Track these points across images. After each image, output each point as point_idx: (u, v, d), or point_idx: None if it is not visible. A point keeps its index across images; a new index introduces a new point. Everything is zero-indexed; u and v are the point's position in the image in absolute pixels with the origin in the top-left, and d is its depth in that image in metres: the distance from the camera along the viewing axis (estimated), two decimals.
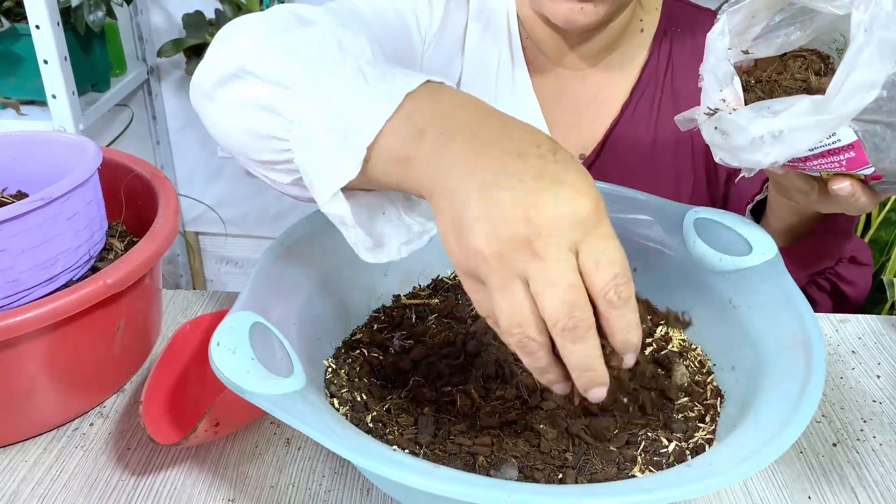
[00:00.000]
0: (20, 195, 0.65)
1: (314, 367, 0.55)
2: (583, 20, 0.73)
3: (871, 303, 1.24)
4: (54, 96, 1.35)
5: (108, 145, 1.70)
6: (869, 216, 1.25)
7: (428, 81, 0.45)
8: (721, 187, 0.85)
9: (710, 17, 0.84)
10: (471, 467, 0.49)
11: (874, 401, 0.63)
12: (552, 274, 0.39)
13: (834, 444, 0.59)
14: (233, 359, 0.44)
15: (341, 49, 0.49)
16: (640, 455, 0.51)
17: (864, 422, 0.61)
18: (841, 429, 0.60)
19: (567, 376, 0.43)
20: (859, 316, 0.73)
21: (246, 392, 0.43)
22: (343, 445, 0.40)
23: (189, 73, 1.63)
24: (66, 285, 0.57)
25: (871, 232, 1.20)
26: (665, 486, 0.38)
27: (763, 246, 0.58)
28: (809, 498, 0.54)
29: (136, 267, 0.54)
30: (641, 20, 0.84)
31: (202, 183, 1.88)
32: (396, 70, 0.47)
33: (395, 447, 0.51)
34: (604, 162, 0.85)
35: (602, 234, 0.40)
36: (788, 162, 0.52)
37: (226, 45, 0.52)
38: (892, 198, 1.17)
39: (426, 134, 0.43)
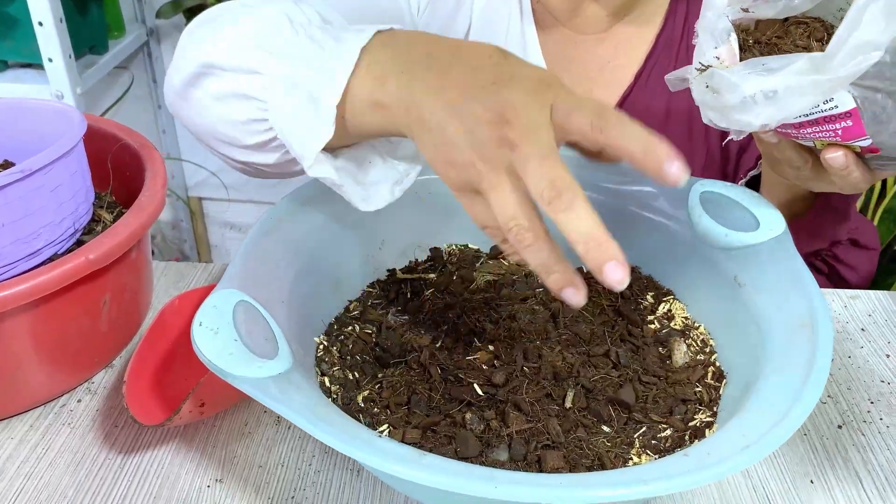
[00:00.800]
0: (6, 164, 0.63)
1: (304, 345, 0.54)
2: None
3: (885, 273, 1.21)
4: (50, 60, 1.33)
5: (107, 109, 1.67)
6: (884, 185, 1.22)
7: (378, 32, 0.49)
8: (733, 161, 0.82)
9: None
10: (464, 446, 0.48)
11: (882, 381, 0.61)
12: (528, 150, 0.41)
13: (839, 427, 0.57)
14: (215, 340, 0.43)
15: (292, 24, 0.52)
16: (637, 438, 0.50)
17: (872, 403, 0.59)
18: (847, 410, 0.58)
19: (576, 280, 0.43)
20: (870, 292, 0.70)
21: (228, 375, 0.41)
22: (326, 432, 0.39)
23: None
24: (50, 259, 0.56)
25: (885, 201, 1.17)
26: (659, 478, 0.36)
27: (771, 222, 0.56)
28: (812, 482, 0.53)
29: (120, 241, 0.53)
30: None
31: (205, 148, 1.85)
32: (349, 29, 0.50)
33: (385, 428, 0.50)
34: None
35: (569, 92, 0.43)
36: (780, 128, 0.49)
37: (188, 45, 0.55)
38: None
39: (388, 78, 0.46)
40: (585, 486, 0.37)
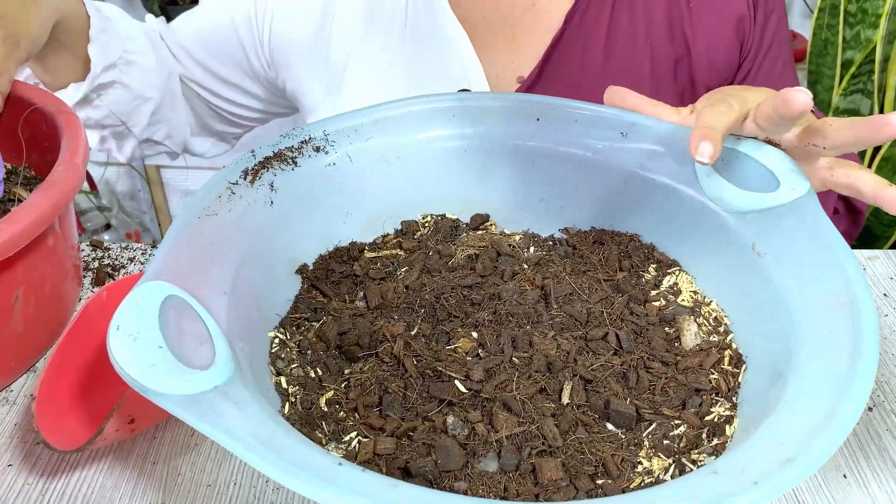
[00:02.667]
0: None
1: (256, 342, 0.46)
2: None
3: (882, 225, 1.15)
4: None
5: None
6: None
7: None
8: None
9: None
10: (445, 457, 0.40)
11: None
12: None
13: (869, 409, 0.50)
14: (135, 347, 0.35)
15: None
16: (647, 437, 0.43)
17: None
18: (876, 389, 0.52)
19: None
20: (890, 252, 0.63)
21: (149, 392, 0.33)
22: (269, 461, 0.31)
23: None
24: None
25: (882, 150, 1.10)
26: None
27: (793, 180, 0.48)
28: (845, 477, 0.46)
29: (26, 227, 0.44)
30: None
31: None
32: None
33: (354, 437, 0.42)
34: (546, 86, 0.72)
35: None
36: None
37: None
38: None
39: None
40: None
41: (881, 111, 1.15)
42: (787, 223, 0.47)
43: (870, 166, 1.15)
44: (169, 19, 0.81)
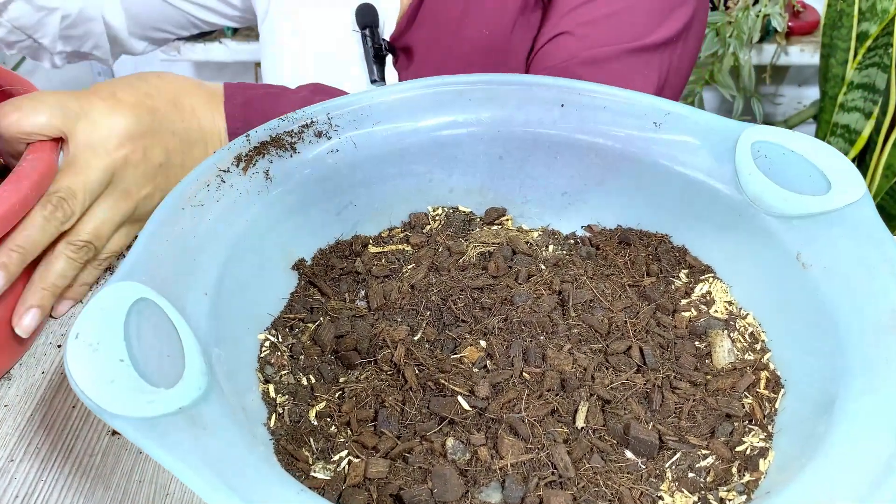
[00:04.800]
0: None
1: (242, 346, 0.42)
2: None
3: None
4: None
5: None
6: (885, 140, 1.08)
7: None
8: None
9: None
10: (442, 486, 0.36)
11: None
12: None
13: None
14: (93, 360, 0.31)
15: None
16: (670, 469, 0.38)
17: None
18: None
19: None
20: None
21: (105, 413, 0.30)
22: (226, 497, 0.27)
23: None
24: None
25: (884, 157, 1.04)
26: None
27: (846, 183, 0.43)
28: None
29: None
30: None
31: None
32: None
33: (345, 456, 0.38)
34: (413, 37, 0.72)
35: None
36: None
37: None
38: None
39: None
40: None
41: None
42: (839, 232, 0.41)
43: (884, 143, 1.08)
44: None
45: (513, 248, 0.51)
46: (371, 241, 0.52)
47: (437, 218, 0.54)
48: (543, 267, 0.50)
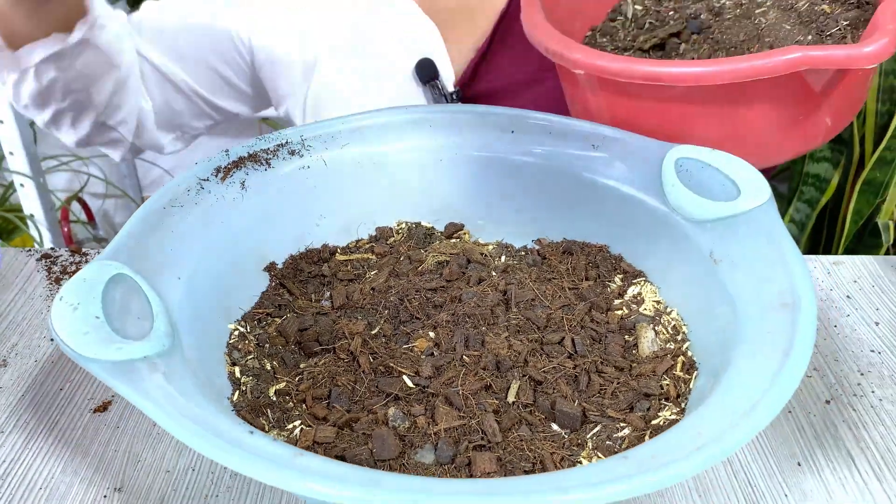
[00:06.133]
0: None
1: (212, 332, 0.47)
2: None
3: (865, 247, 1.13)
4: None
5: None
6: (862, 155, 1.13)
7: None
8: None
9: None
10: (381, 447, 0.41)
11: (872, 350, 0.54)
12: None
13: (827, 402, 0.50)
14: (73, 317, 0.36)
15: None
16: (591, 439, 0.43)
17: (862, 375, 0.52)
18: (835, 384, 0.51)
19: None
20: (854, 257, 0.64)
21: (78, 356, 0.35)
22: (180, 424, 0.32)
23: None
24: None
25: (864, 173, 1.09)
26: (577, 486, 0.29)
27: (754, 190, 0.48)
28: (799, 465, 0.46)
29: None
30: None
31: None
32: None
33: (298, 425, 0.43)
34: (495, 54, 0.76)
35: None
36: None
37: None
38: (888, 135, 1.06)
39: None
40: (482, 493, 0.29)
41: None
42: (744, 231, 0.46)
43: (851, 190, 1.13)
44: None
45: (468, 257, 0.56)
46: (339, 250, 0.57)
47: (400, 231, 0.59)
48: (494, 274, 0.55)
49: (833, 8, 0.57)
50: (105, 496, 0.44)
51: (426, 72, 0.76)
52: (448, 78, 0.76)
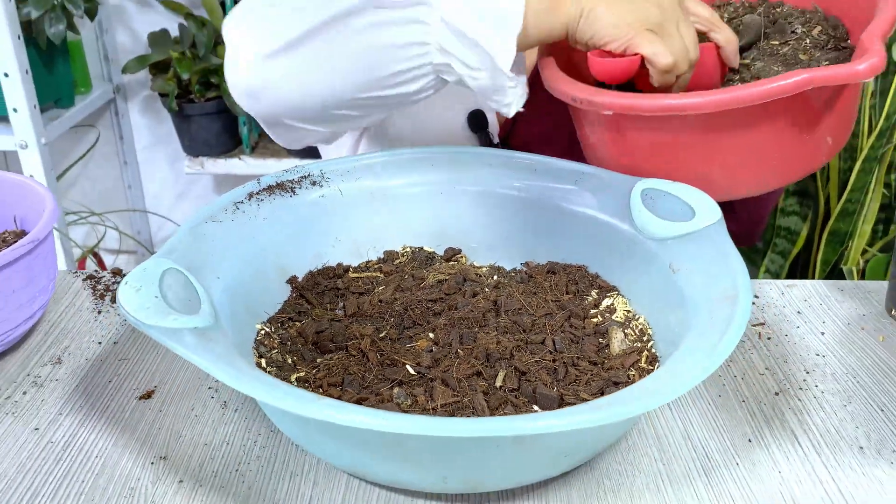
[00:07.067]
0: (20, 233, 0.66)
1: (243, 328, 0.55)
2: None
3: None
4: (15, 110, 1.38)
5: (72, 164, 1.78)
6: (827, 209, 1.23)
7: None
8: None
9: None
10: None
11: (818, 354, 0.62)
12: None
13: (776, 394, 0.58)
14: (136, 296, 0.44)
15: None
16: None
17: (807, 373, 0.60)
18: (784, 380, 0.59)
19: None
20: (805, 281, 0.73)
21: (142, 325, 0.42)
22: (222, 370, 0.39)
23: (155, 89, 1.65)
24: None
25: (829, 224, 1.18)
26: (550, 416, 0.36)
27: (707, 211, 0.57)
28: (750, 441, 0.53)
29: None
30: None
31: (170, 201, 1.95)
32: None
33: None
34: (530, 102, 0.85)
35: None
36: None
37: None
38: (848, 189, 1.15)
39: None
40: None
41: None
42: (698, 245, 0.55)
43: (819, 240, 1.22)
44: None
45: (464, 276, 0.64)
46: (352, 268, 0.66)
47: (405, 254, 0.68)
48: (487, 289, 0.63)
49: (812, 54, 0.66)
50: (152, 463, 0.51)
51: (478, 122, 0.84)
52: (494, 129, 0.85)
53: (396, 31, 0.58)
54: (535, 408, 0.50)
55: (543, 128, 0.85)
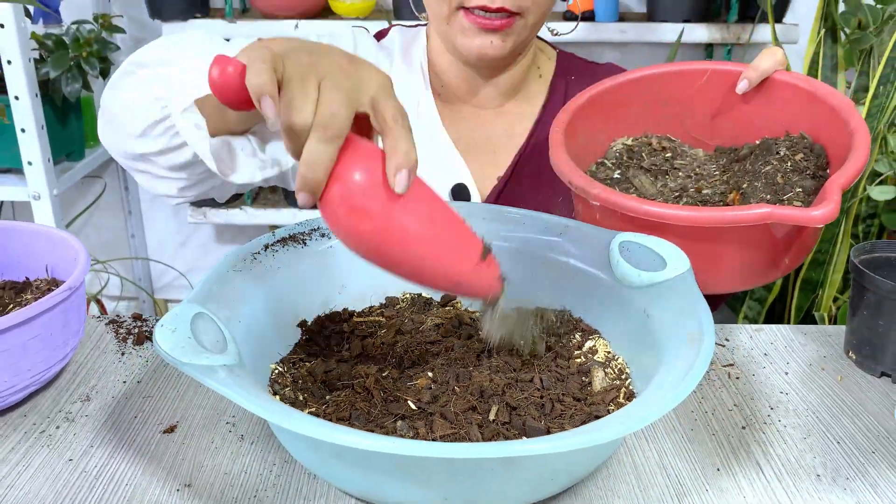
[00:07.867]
0: (55, 282, 0.71)
1: (258, 367, 0.60)
2: (492, 53, 0.86)
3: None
4: (30, 163, 1.45)
5: (80, 214, 1.86)
6: None
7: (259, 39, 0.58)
8: None
9: (597, 68, 1.01)
10: None
11: (782, 392, 0.69)
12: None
13: (743, 427, 0.64)
14: (172, 337, 0.50)
15: (211, 40, 0.72)
16: None
17: (772, 409, 0.66)
18: (750, 415, 0.66)
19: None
20: (772, 326, 0.80)
21: (179, 362, 0.48)
22: (247, 399, 0.45)
23: None
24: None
25: (802, 272, 1.25)
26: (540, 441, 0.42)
27: (676, 262, 0.63)
28: (718, 470, 0.59)
29: None
30: (539, 67, 1.00)
31: (172, 249, 2.02)
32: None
33: None
34: (515, 183, 0.96)
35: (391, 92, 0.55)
36: None
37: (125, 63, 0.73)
38: (818, 240, 1.22)
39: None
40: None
41: None
42: (668, 292, 0.61)
43: (793, 289, 1.29)
44: None
45: (459, 320, 0.70)
46: (356, 314, 0.72)
47: (405, 300, 0.74)
48: (481, 333, 0.69)
49: (789, 178, 0.73)
50: (178, 489, 0.56)
51: (461, 195, 0.93)
52: (476, 201, 0.94)
53: (146, 91, 0.69)
54: (525, 439, 0.56)
55: (528, 207, 0.93)
